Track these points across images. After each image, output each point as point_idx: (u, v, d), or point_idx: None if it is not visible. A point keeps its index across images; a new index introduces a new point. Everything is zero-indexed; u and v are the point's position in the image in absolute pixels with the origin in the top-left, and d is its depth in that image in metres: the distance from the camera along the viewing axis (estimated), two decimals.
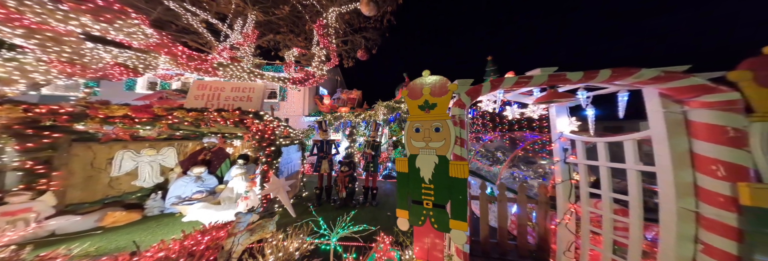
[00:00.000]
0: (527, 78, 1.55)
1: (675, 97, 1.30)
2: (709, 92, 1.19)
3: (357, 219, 3.06)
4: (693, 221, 1.24)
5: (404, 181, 1.70)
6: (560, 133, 2.06)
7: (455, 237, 1.56)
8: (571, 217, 1.95)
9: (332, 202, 4.13)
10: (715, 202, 1.16)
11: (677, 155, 1.29)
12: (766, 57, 1.12)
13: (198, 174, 3.54)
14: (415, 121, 1.71)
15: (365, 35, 9.02)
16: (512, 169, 3.38)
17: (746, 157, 1.10)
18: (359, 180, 4.93)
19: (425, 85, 1.65)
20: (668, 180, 1.33)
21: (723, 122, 1.16)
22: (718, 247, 1.16)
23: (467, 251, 1.59)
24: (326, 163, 4.16)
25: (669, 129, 1.33)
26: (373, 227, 2.58)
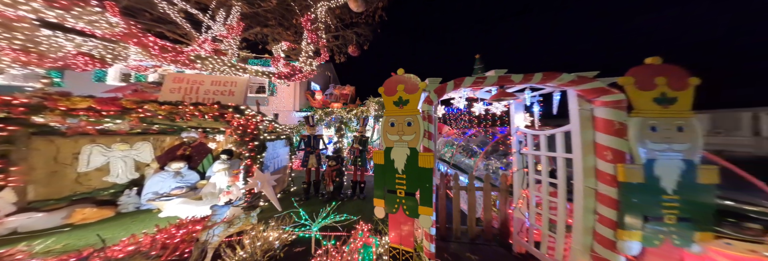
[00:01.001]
0: (482, 78, 1.74)
1: (586, 97, 1.58)
2: (606, 93, 1.47)
3: (343, 211, 3.18)
4: (593, 197, 1.53)
5: (380, 172, 1.75)
6: (516, 128, 2.17)
7: (423, 221, 1.64)
8: (523, 201, 2.10)
9: (320, 196, 4.19)
10: (605, 180, 1.46)
11: (585, 144, 1.58)
12: (644, 66, 1.40)
13: (177, 169, 3.38)
14: (390, 116, 1.74)
15: (357, 31, 8.77)
16: (487, 160, 3.53)
17: (625, 145, 1.40)
18: (348, 174, 4.92)
19: (399, 83, 1.67)
20: (579, 164, 1.61)
21: (613, 117, 1.44)
22: (606, 216, 1.46)
23: (433, 234, 1.67)
24: (314, 158, 4.19)
25: (581, 123, 1.60)
26: (354, 217, 2.62)
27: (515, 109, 2.35)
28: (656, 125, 1.32)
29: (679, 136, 1.32)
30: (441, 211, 2.59)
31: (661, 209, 1.32)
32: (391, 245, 1.88)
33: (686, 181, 1.31)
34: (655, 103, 1.33)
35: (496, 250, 2.33)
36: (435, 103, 1.86)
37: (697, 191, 1.31)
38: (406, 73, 1.82)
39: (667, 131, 1.32)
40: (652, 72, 1.34)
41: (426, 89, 1.81)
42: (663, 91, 1.32)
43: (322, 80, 14.68)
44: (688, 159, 1.31)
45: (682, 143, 1.32)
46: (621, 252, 1.38)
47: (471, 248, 2.36)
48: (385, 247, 2.07)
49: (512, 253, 2.22)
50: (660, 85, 1.32)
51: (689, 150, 1.32)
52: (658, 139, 1.32)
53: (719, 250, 1.43)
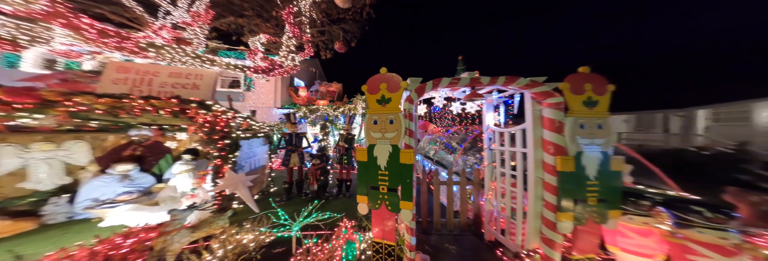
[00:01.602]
0: (457, 80, 1.92)
1: (537, 99, 1.84)
2: (551, 96, 1.75)
3: (328, 209, 3.15)
4: (541, 185, 1.79)
5: (364, 169, 1.80)
6: (487, 126, 2.43)
7: (404, 215, 1.73)
8: (493, 193, 2.35)
9: (304, 196, 4.07)
10: (548, 170, 1.73)
11: (536, 140, 1.86)
12: (577, 74, 1.71)
13: (124, 172, 2.92)
14: (373, 114, 1.80)
15: (344, 27, 8.45)
16: (465, 156, 3.78)
17: (563, 140, 1.69)
18: (334, 173, 4.87)
19: (382, 82, 1.73)
20: (531, 158, 1.89)
21: (555, 117, 1.73)
22: (549, 201, 1.73)
23: (414, 227, 1.79)
24: (296, 156, 4.04)
25: (534, 122, 1.88)
26: (337, 214, 2.61)
27: (486, 109, 2.60)
28: (584, 123, 1.63)
29: (599, 132, 1.65)
30: (423, 205, 2.73)
31: (586, 193, 1.63)
32: (374, 240, 1.95)
33: (603, 169, 1.64)
34: (583, 105, 1.64)
35: (471, 239, 2.52)
36: (415, 102, 1.98)
37: (610, 177, 1.65)
38: (396, 72, 1.90)
39: (590, 128, 1.64)
40: (582, 79, 1.64)
41: (407, 88, 1.91)
42: (589, 96, 1.64)
43: (307, 76, 13.90)
44: (604, 151, 1.65)
45: (601, 138, 1.65)
46: (560, 231, 1.66)
47: (449, 239, 2.54)
48: (368, 242, 2.13)
49: (484, 242, 2.45)
50: (587, 90, 1.63)
51: (605, 143, 1.66)
52: (584, 134, 1.63)
53: (624, 223, 1.82)
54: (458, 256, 2.17)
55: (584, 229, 1.73)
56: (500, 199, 2.35)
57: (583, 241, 1.78)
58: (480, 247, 2.35)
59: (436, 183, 2.75)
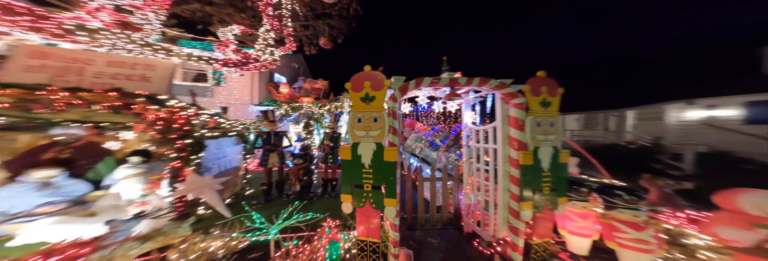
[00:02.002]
0: (437, 79, 2.03)
1: (505, 99, 2.05)
2: (516, 97, 1.96)
3: (312, 210, 3.03)
4: (508, 178, 1.99)
5: (348, 167, 1.77)
6: (465, 124, 2.59)
7: (388, 212, 1.76)
8: (470, 187, 2.52)
9: (285, 197, 3.86)
10: (513, 164, 1.93)
11: (505, 137, 2.09)
12: (536, 78, 1.94)
13: (44, 179, 2.38)
14: (357, 112, 1.78)
15: (329, 22, 7.93)
16: (448, 153, 3.92)
17: (524, 136, 1.90)
18: (318, 173, 4.73)
19: (366, 79, 1.72)
20: (501, 153, 2.11)
21: (518, 115, 1.94)
22: (514, 192, 1.94)
23: (398, 224, 1.83)
24: (276, 156, 3.80)
25: (502, 120, 2.09)
26: (320, 215, 2.51)
27: (465, 108, 2.77)
28: (540, 122, 1.86)
29: (551, 129, 1.90)
30: (408, 202, 2.80)
31: (542, 183, 1.86)
32: (359, 238, 1.94)
33: (554, 161, 1.89)
34: (540, 105, 1.86)
35: (452, 232, 2.64)
36: (399, 100, 2.02)
37: (559, 168, 1.91)
38: (383, 71, 1.89)
39: (545, 126, 1.88)
40: (539, 82, 1.87)
41: (391, 86, 1.94)
42: (545, 97, 1.87)
43: (290, 72, 12.89)
44: (555, 146, 1.90)
45: (553, 135, 1.90)
46: (523, 219, 1.86)
47: (432, 234, 2.64)
48: (352, 241, 2.10)
49: (463, 234, 2.61)
50: (543, 92, 1.86)
51: (556, 139, 1.91)
52: (540, 131, 1.87)
53: (569, 208, 2.13)
54: (440, 249, 2.27)
55: (541, 216, 1.98)
56: (477, 193, 2.51)
57: (540, 227, 2.03)
58: (459, 239, 2.50)
59: (420, 179, 2.84)
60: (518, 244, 1.91)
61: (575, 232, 2.12)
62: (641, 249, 1.79)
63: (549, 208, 1.93)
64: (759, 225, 1.55)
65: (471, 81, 1.99)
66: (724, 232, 1.69)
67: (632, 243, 1.81)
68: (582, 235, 2.09)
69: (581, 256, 2.06)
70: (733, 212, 1.70)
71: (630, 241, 1.82)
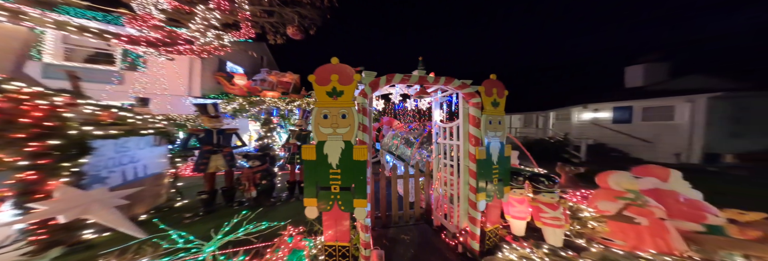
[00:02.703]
0: (408, 77, 2.06)
1: (466, 99, 2.23)
2: (474, 97, 2.16)
3: (275, 217, 2.67)
4: (467, 173, 2.19)
5: (312, 168, 1.55)
6: (435, 122, 2.67)
7: (358, 214, 1.62)
8: (439, 182, 2.57)
9: (236, 205, 3.24)
10: (471, 159, 2.13)
11: (466, 134, 2.25)
12: (489, 80, 2.15)
13: None
14: (323, 108, 1.58)
15: (300, 11, 6.79)
16: (421, 150, 3.90)
17: (480, 133, 2.11)
18: (284, 175, 4.24)
19: (334, 73, 1.55)
20: (463, 149, 2.28)
21: (476, 114, 2.14)
22: (472, 184, 2.13)
23: (369, 224, 1.71)
24: (220, 158, 3.14)
25: (464, 118, 2.26)
26: (280, 222, 2.11)
27: (435, 107, 2.88)
28: (491, 120, 2.07)
29: (499, 127, 2.14)
30: (382, 200, 2.73)
31: (492, 175, 2.06)
32: (326, 244, 1.72)
33: (500, 155, 2.13)
34: (491, 105, 2.07)
35: (423, 227, 2.70)
36: (369, 96, 1.91)
37: (504, 161, 2.17)
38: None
39: (494, 124, 2.10)
40: (492, 84, 2.08)
41: (361, 81, 1.81)
42: (495, 98, 2.09)
43: (250, 63, 10.66)
44: (502, 141, 2.14)
45: (500, 131, 2.13)
46: (479, 209, 2.01)
47: (406, 230, 2.65)
48: (319, 247, 1.84)
49: (433, 228, 2.71)
50: (494, 93, 2.08)
51: (502, 135, 2.15)
52: (491, 129, 2.07)
53: (511, 196, 2.42)
54: (412, 245, 2.31)
55: (491, 205, 2.20)
56: (444, 187, 2.64)
57: (492, 215, 2.25)
58: (429, 233, 2.60)
59: (394, 177, 2.79)
60: (476, 233, 2.06)
61: (515, 216, 2.45)
62: (556, 225, 2.17)
63: (498, 197, 2.16)
64: (619, 197, 2.10)
65: (438, 80, 2.09)
66: (600, 205, 2.23)
67: (550, 221, 2.24)
68: (520, 218, 2.44)
69: (520, 236, 2.37)
70: (605, 189, 2.27)
71: (549, 220, 2.24)
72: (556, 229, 2.19)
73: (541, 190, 2.30)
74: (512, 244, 2.06)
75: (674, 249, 1.87)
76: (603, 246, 2.08)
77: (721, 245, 1.84)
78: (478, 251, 2.06)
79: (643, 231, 1.97)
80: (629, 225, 2.03)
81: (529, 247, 1.99)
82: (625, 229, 2.06)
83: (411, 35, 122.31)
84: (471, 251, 2.08)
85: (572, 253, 1.89)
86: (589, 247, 2.09)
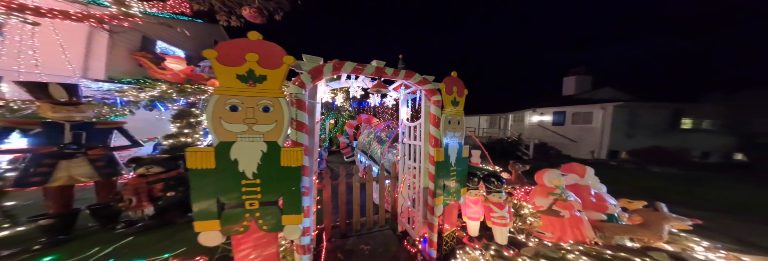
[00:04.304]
0: (362, 66, 1.70)
1: (427, 96, 2.00)
2: (436, 94, 1.95)
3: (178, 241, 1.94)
4: (427, 175, 1.99)
5: (207, 180, 1.07)
6: (402, 121, 2.35)
7: (289, 233, 1.20)
8: (404, 185, 2.51)
9: (123, 227, 2.27)
10: (430, 161, 1.94)
11: (426, 134, 2.05)
12: (450, 77, 1.93)
13: None
14: (229, 96, 1.07)
15: None
16: (391, 149, 3.55)
17: (439, 133, 1.92)
18: None
19: (251, 51, 1.06)
20: (423, 150, 2.07)
21: (436, 113, 1.94)
22: (430, 188, 1.95)
23: (307, 243, 1.50)
24: (83, 165, 2.14)
25: (425, 117, 2.05)
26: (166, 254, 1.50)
27: (402, 104, 2.61)
28: (450, 119, 1.86)
29: (458, 127, 1.95)
30: (341, 207, 2.38)
31: (450, 177, 1.87)
32: None
33: (458, 156, 1.94)
34: (451, 104, 1.87)
35: (387, 234, 2.46)
36: (308, 87, 1.46)
37: (462, 162, 2.01)
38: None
39: (454, 124, 1.91)
40: (452, 82, 1.88)
41: (299, 68, 1.35)
42: (455, 97, 1.87)
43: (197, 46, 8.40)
44: (460, 142, 1.93)
45: (459, 132, 1.93)
46: (436, 214, 1.79)
47: (366, 239, 2.34)
48: None
49: (396, 234, 2.47)
50: (454, 92, 1.85)
51: (461, 135, 1.95)
52: (451, 129, 1.86)
53: (467, 197, 2.27)
54: (371, 255, 2.06)
55: (449, 207, 2.00)
56: (408, 191, 2.46)
57: (450, 217, 2.06)
58: (392, 240, 2.34)
59: (355, 181, 2.50)
60: (434, 240, 1.86)
61: (471, 216, 2.33)
62: (502, 224, 2.21)
63: (455, 200, 1.97)
64: (550, 193, 2.11)
65: (398, 73, 1.83)
66: (537, 201, 2.24)
67: (498, 220, 2.27)
68: (475, 218, 2.33)
69: (474, 237, 2.26)
70: (541, 185, 2.28)
71: (497, 219, 2.27)
72: (503, 228, 2.22)
73: (492, 190, 2.23)
74: (467, 247, 2.00)
75: (586, 237, 2.08)
76: (538, 239, 2.19)
77: (616, 231, 2.09)
78: (436, 258, 1.93)
79: (566, 223, 2.13)
80: (556, 218, 2.17)
81: (480, 248, 1.87)
82: (553, 222, 2.20)
83: (392, 32, 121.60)
84: (428, 260, 1.85)
85: (513, 251, 1.93)
86: (528, 242, 2.17)
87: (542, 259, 1.69)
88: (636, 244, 1.98)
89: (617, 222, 2.22)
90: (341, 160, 7.14)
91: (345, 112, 9.10)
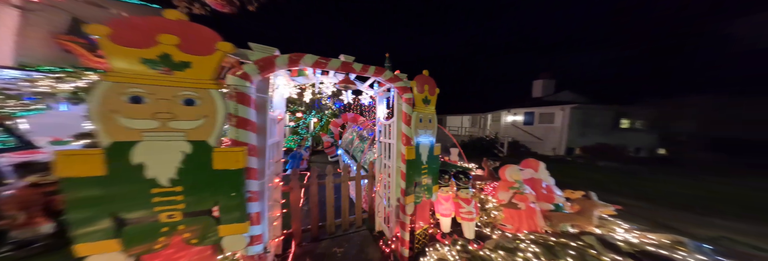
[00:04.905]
0: (326, 59, 1.51)
1: (399, 93, 1.90)
2: (407, 92, 1.82)
3: None
4: (399, 173, 1.86)
5: (92, 193, 0.79)
6: (378, 119, 2.45)
7: (230, 244, 1.07)
8: (381, 184, 2.39)
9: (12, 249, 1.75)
10: (402, 159, 1.83)
11: (398, 133, 1.94)
12: (421, 75, 1.84)
13: None
14: (129, 84, 0.82)
15: None
16: (370, 148, 3.36)
17: (410, 131, 1.81)
18: None
19: (167, 32, 0.81)
20: (395, 149, 1.96)
21: (407, 111, 1.83)
22: (402, 187, 1.85)
23: (258, 252, 1.29)
24: None
25: (397, 115, 1.94)
26: None
27: (379, 102, 2.47)
28: (422, 117, 1.77)
29: (430, 125, 1.85)
30: (313, 209, 2.21)
31: (421, 175, 1.76)
32: None
33: (430, 154, 1.86)
34: (423, 102, 1.76)
35: (363, 234, 2.37)
36: (255, 79, 1.25)
37: (434, 160, 1.91)
38: None
39: (425, 122, 1.81)
40: (424, 80, 1.79)
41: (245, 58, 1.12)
42: (427, 95, 1.79)
43: None
44: (432, 140, 1.85)
45: (431, 129, 1.84)
46: (408, 213, 1.69)
47: (341, 241, 2.23)
48: None
49: (373, 234, 2.38)
50: (426, 90, 1.79)
51: (432, 133, 1.87)
52: (422, 127, 1.76)
53: (439, 194, 2.22)
54: (342, 257, 1.99)
55: (421, 205, 1.93)
56: (384, 190, 2.35)
57: (422, 215, 1.98)
58: (367, 241, 2.27)
59: (329, 181, 2.31)
60: (406, 239, 1.80)
61: (443, 213, 2.30)
62: (469, 219, 2.27)
63: (427, 197, 1.90)
64: (511, 187, 2.16)
65: (367, 69, 1.68)
66: (500, 195, 2.28)
67: (465, 215, 2.31)
68: (447, 215, 2.29)
69: (446, 233, 2.22)
70: (504, 181, 2.33)
71: (465, 214, 2.31)
72: (470, 222, 2.26)
73: (461, 187, 2.25)
74: (437, 244, 1.94)
75: (538, 227, 2.22)
76: (501, 231, 2.29)
77: (561, 219, 2.26)
78: (408, 258, 1.90)
79: (522, 214, 2.26)
80: (515, 210, 2.28)
81: (448, 244, 1.86)
82: (512, 215, 2.31)
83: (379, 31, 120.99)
84: (400, 259, 1.78)
85: (478, 245, 1.94)
86: (492, 235, 2.25)
87: (500, 250, 1.76)
88: (575, 229, 2.16)
89: (562, 211, 2.38)
90: (326, 159, 6.90)
91: (328, 111, 8.70)
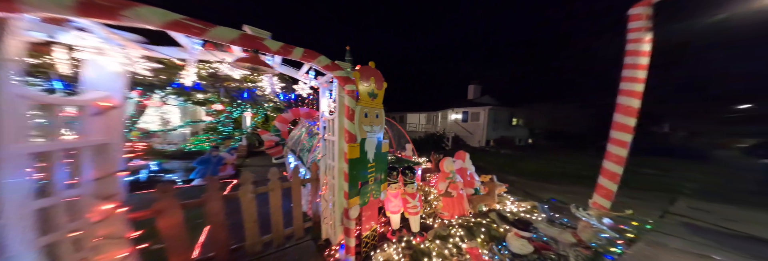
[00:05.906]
0: (198, 22, 0.98)
1: (341, 84, 1.46)
2: (350, 83, 1.59)
3: None
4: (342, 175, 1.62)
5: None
6: (322, 114, 1.90)
7: None
8: (326, 187, 1.96)
9: None
10: (345, 159, 1.61)
11: (340, 129, 1.70)
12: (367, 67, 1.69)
13: None
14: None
15: None
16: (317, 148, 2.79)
17: (353, 127, 1.63)
18: None
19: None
20: (337, 147, 1.71)
21: (350, 104, 1.61)
22: (345, 190, 1.64)
23: None
24: None
25: (339, 109, 1.67)
26: None
27: (322, 94, 2.09)
28: (367, 112, 1.55)
29: (377, 120, 1.67)
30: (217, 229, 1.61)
31: (368, 175, 1.57)
32: None
33: (378, 152, 1.72)
34: (368, 96, 1.55)
35: (304, 246, 2.04)
36: None
37: (382, 158, 1.75)
38: None
39: (371, 117, 1.62)
40: (369, 72, 1.57)
41: None
42: (373, 88, 1.58)
43: None
44: (379, 137, 1.68)
45: (378, 125, 1.66)
46: (352, 217, 1.46)
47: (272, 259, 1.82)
48: None
49: (318, 244, 2.03)
50: (372, 83, 1.56)
51: (379, 130, 1.70)
52: (367, 123, 1.56)
53: (389, 191, 2.10)
54: None
55: (366, 208, 1.74)
56: (330, 193, 2.02)
57: (368, 218, 1.81)
58: (308, 253, 1.92)
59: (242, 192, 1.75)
60: (351, 245, 1.57)
61: (393, 210, 2.23)
62: (415, 213, 2.28)
63: (374, 197, 1.73)
64: (447, 177, 2.35)
65: (290, 50, 1.28)
66: (440, 185, 2.45)
67: (411, 209, 2.36)
68: (395, 212, 2.24)
69: (396, 230, 2.15)
70: (442, 172, 2.51)
71: (411, 208, 2.36)
72: (415, 216, 2.31)
73: (407, 182, 2.20)
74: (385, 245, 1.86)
75: (466, 211, 2.53)
76: (441, 220, 2.44)
77: (478, 201, 2.63)
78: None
79: (455, 201, 2.52)
80: (449, 198, 2.52)
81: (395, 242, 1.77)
82: (448, 203, 2.55)
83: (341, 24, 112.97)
84: None
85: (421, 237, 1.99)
86: (434, 225, 2.35)
87: (437, 239, 1.87)
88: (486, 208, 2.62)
89: (479, 194, 2.81)
90: (265, 162, 5.83)
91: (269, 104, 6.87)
